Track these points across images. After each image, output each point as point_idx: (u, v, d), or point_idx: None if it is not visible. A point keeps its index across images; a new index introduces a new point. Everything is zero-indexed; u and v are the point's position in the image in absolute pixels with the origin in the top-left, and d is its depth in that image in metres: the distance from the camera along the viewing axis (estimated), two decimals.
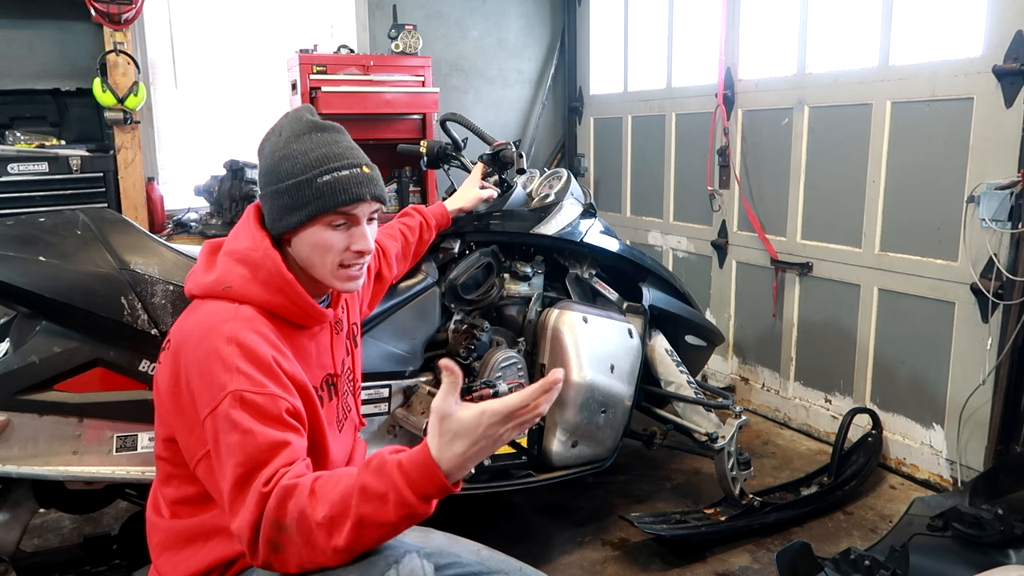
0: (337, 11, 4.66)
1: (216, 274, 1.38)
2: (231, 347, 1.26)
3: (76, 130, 3.89)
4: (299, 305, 1.39)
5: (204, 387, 1.25)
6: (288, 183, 1.37)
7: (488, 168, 2.55)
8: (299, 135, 1.41)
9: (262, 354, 1.28)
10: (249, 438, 1.20)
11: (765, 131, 3.60)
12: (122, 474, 1.76)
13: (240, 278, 1.36)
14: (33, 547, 2.45)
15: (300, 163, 1.38)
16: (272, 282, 1.37)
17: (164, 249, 1.86)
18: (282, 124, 1.44)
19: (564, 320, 2.42)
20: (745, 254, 3.77)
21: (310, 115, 1.46)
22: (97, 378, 1.74)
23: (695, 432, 2.71)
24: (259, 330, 1.31)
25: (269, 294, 1.36)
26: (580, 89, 5.09)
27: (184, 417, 1.29)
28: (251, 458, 1.19)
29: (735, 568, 2.44)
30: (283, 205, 1.38)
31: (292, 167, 1.38)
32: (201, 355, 1.27)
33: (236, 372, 1.24)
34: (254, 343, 1.28)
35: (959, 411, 2.82)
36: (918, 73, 2.89)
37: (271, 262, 1.37)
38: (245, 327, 1.30)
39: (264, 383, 1.25)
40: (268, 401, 1.24)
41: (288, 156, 1.39)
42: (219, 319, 1.31)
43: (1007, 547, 2.10)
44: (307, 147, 1.40)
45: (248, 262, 1.38)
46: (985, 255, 2.66)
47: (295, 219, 1.38)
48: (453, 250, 2.43)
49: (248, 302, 1.35)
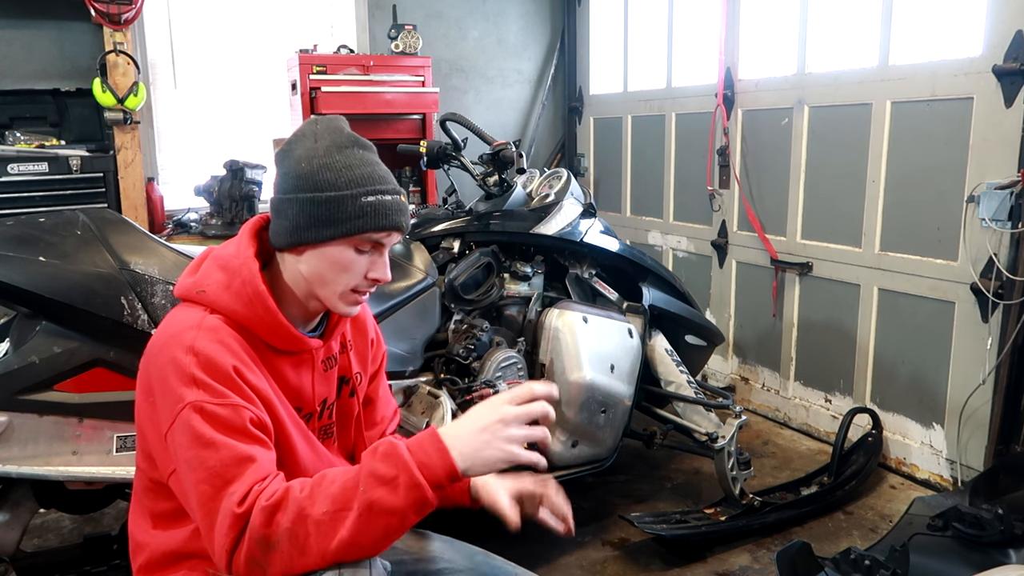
0: (337, 11, 4.66)
1: (196, 277, 1.33)
2: (189, 357, 1.19)
3: (76, 130, 3.89)
4: (267, 323, 1.30)
5: (164, 399, 1.20)
6: (329, 194, 1.28)
7: (488, 169, 2.56)
8: (341, 147, 1.32)
9: (221, 363, 1.21)
10: (211, 452, 1.14)
11: (765, 131, 3.60)
12: (122, 474, 1.76)
13: (216, 284, 1.30)
14: (33, 547, 2.45)
15: (345, 177, 1.30)
16: (244, 292, 1.29)
17: (164, 249, 1.86)
18: (318, 131, 1.34)
19: (564, 320, 2.42)
20: (745, 254, 3.77)
21: (348, 128, 1.37)
22: (97, 378, 1.74)
23: (695, 432, 2.71)
24: (222, 339, 1.24)
25: (238, 304, 1.28)
26: (580, 89, 5.09)
27: (155, 426, 1.22)
28: (216, 474, 1.13)
29: (735, 568, 2.44)
30: (316, 215, 1.29)
31: (335, 179, 1.29)
32: (162, 363, 1.21)
33: (193, 383, 1.18)
34: (213, 352, 1.21)
35: (959, 411, 2.82)
36: (918, 73, 2.89)
37: (247, 271, 1.30)
38: (206, 336, 1.23)
39: (225, 392, 1.19)
40: (230, 412, 1.18)
41: (329, 166, 1.30)
42: (182, 326, 1.25)
43: (1007, 547, 2.09)
44: (351, 162, 1.31)
45: (227, 268, 1.31)
46: (985, 255, 2.66)
47: (327, 233, 1.29)
48: (453, 250, 2.43)
49: (218, 311, 1.28)
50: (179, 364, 1.19)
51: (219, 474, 1.13)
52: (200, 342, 1.21)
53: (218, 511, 1.12)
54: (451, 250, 2.42)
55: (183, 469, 1.16)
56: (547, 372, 2.40)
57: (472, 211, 2.51)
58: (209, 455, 1.14)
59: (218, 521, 1.12)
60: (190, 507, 1.18)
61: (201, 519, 1.15)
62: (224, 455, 1.14)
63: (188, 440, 1.15)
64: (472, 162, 2.53)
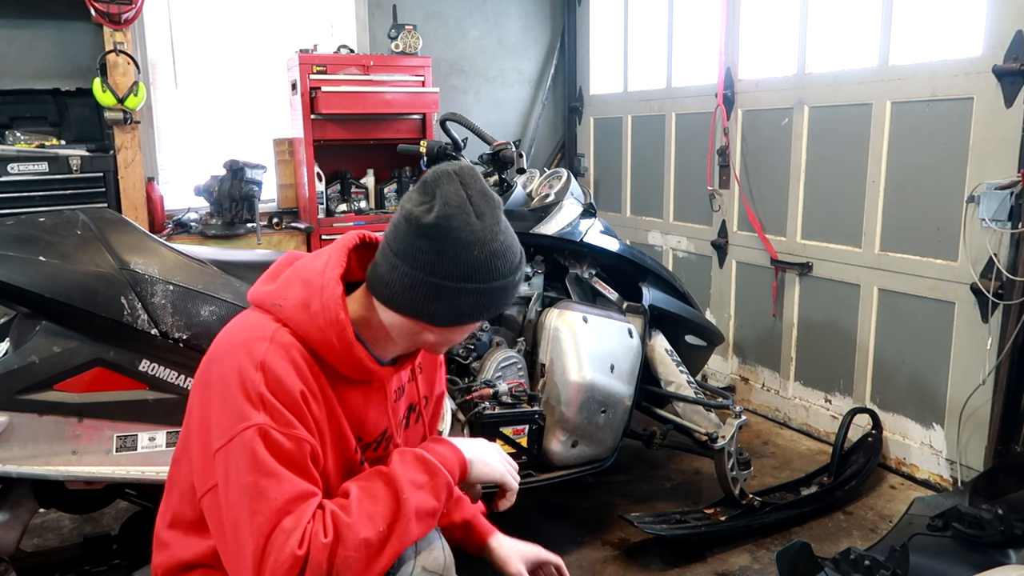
0: (337, 11, 4.66)
1: (276, 287, 1.24)
2: (258, 374, 1.13)
3: (76, 130, 3.89)
4: (340, 352, 1.20)
5: (225, 411, 1.13)
6: (499, 284, 1.18)
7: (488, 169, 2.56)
8: (498, 218, 1.19)
9: (290, 386, 1.15)
10: (272, 483, 1.09)
11: (765, 131, 3.60)
12: (122, 474, 1.76)
13: (294, 299, 1.21)
14: (33, 547, 2.45)
15: (512, 261, 1.19)
16: (323, 316, 1.19)
17: (164, 249, 1.86)
18: (480, 205, 1.16)
19: (564, 320, 2.42)
20: (745, 254, 3.77)
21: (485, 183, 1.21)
22: (97, 378, 1.74)
23: (695, 432, 2.71)
24: (293, 359, 1.17)
25: (313, 327, 1.19)
26: (580, 89, 5.09)
27: (205, 437, 1.16)
28: (275, 509, 1.08)
29: (735, 568, 2.44)
30: (483, 304, 1.19)
31: (504, 268, 1.17)
32: (228, 370, 1.15)
33: (261, 404, 1.12)
34: (283, 373, 1.15)
35: (959, 411, 2.82)
36: (918, 73, 2.89)
37: (330, 295, 1.19)
38: (277, 353, 1.16)
39: (291, 420, 1.14)
40: (294, 445, 1.13)
41: (500, 253, 1.17)
42: (254, 335, 1.18)
43: (1007, 547, 2.10)
44: (512, 238, 1.20)
45: (309, 285, 1.21)
46: (985, 255, 2.66)
47: (481, 317, 1.21)
48: None
49: (293, 326, 1.20)
50: (246, 378, 1.13)
51: (278, 509, 1.09)
52: (271, 358, 1.15)
53: (272, 548, 1.08)
54: None
55: (235, 493, 1.10)
56: (547, 372, 2.40)
57: None
58: (271, 486, 1.10)
59: (271, 559, 1.08)
60: (226, 528, 1.12)
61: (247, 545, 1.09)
62: (286, 489, 1.10)
63: (248, 465, 1.10)
64: (472, 162, 2.53)
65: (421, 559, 1.15)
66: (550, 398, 2.37)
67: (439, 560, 1.17)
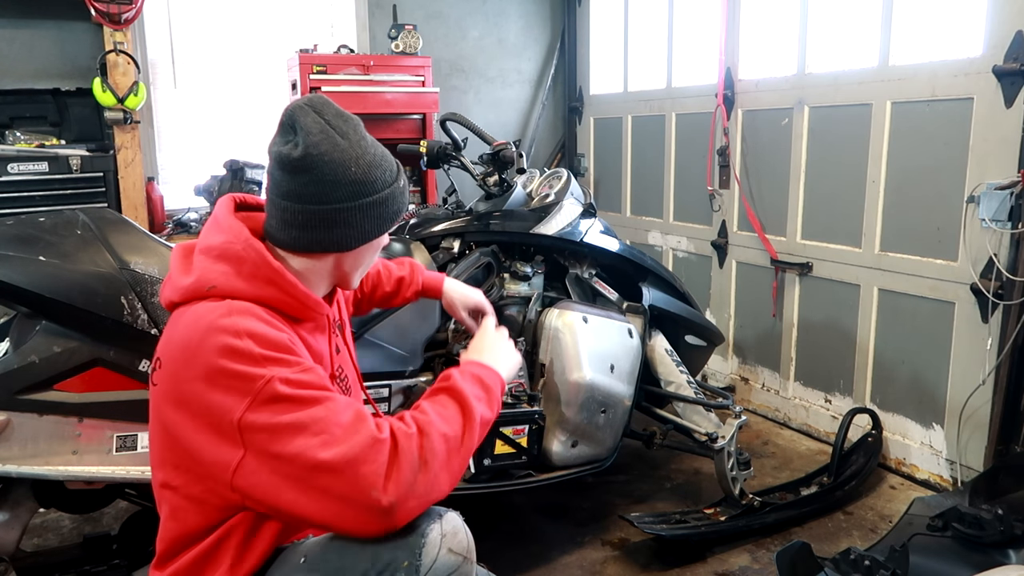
0: (337, 11, 4.66)
1: (195, 275, 1.23)
2: (244, 340, 1.13)
3: (76, 130, 3.89)
4: (293, 295, 1.25)
5: (229, 387, 1.11)
6: (385, 192, 1.27)
7: (488, 169, 2.56)
8: (363, 135, 1.28)
9: (277, 337, 1.16)
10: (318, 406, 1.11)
11: (765, 131, 3.60)
12: (122, 474, 1.77)
13: (222, 275, 1.21)
14: (33, 547, 2.45)
15: (387, 166, 1.29)
16: (259, 274, 1.22)
17: (164, 249, 1.86)
18: (341, 126, 1.25)
19: (564, 320, 2.42)
20: (745, 254, 3.77)
21: (337, 105, 1.30)
22: (97, 378, 1.74)
23: (695, 432, 2.71)
24: (261, 317, 1.18)
25: (257, 288, 1.22)
26: (580, 89, 5.09)
27: (215, 421, 1.12)
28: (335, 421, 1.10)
29: (735, 568, 2.44)
30: (380, 215, 1.28)
31: (384, 176, 1.28)
32: (211, 356, 1.12)
33: (265, 360, 1.12)
34: (264, 330, 1.16)
35: (959, 411, 2.82)
36: (918, 73, 2.89)
37: (254, 252, 1.22)
38: (248, 317, 1.17)
39: (300, 361, 1.16)
40: (314, 375, 1.16)
41: (375, 163, 1.26)
42: (215, 316, 1.16)
43: (1007, 547, 2.10)
44: (379, 148, 1.29)
45: (228, 256, 1.23)
46: (985, 255, 2.66)
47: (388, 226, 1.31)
48: (453, 250, 2.43)
49: (236, 298, 1.21)
50: (237, 349, 1.12)
51: (338, 420, 1.10)
52: (246, 323, 1.16)
53: (357, 446, 1.09)
54: (451, 250, 2.42)
55: (286, 438, 1.08)
56: (547, 372, 2.40)
57: (472, 211, 2.51)
58: (318, 409, 1.11)
59: (358, 453, 1.08)
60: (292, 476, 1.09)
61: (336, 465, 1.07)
62: (337, 402, 1.13)
63: (284, 407, 1.10)
64: (472, 162, 2.53)
65: (447, 541, 1.18)
66: (550, 398, 2.37)
67: (463, 543, 1.21)
